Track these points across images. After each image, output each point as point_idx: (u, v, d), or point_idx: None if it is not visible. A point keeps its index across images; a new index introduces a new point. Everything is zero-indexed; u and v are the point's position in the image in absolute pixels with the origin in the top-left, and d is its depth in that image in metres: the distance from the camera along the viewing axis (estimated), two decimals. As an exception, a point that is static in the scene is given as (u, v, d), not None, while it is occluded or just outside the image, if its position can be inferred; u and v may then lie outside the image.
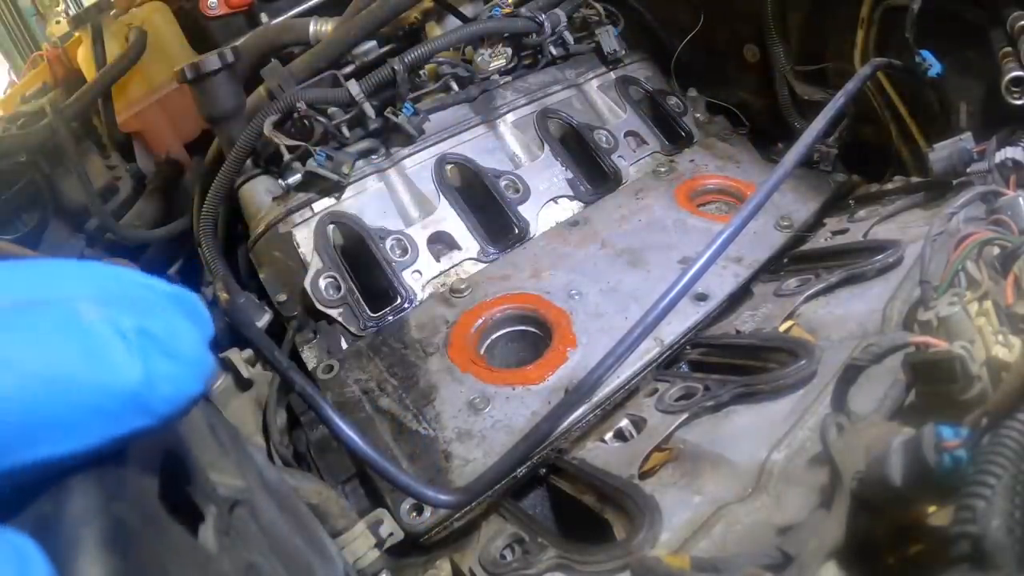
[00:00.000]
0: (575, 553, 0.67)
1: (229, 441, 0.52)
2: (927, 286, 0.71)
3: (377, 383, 0.96)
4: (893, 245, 0.93)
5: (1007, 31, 0.97)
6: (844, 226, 1.12)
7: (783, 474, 0.66)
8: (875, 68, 1.10)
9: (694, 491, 0.71)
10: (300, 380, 0.79)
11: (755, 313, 0.97)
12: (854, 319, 0.86)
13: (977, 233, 0.72)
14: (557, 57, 1.40)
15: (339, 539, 0.75)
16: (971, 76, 1.07)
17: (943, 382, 0.59)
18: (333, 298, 1.06)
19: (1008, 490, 0.41)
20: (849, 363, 0.64)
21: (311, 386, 0.79)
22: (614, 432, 0.85)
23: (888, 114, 1.24)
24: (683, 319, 0.95)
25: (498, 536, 0.75)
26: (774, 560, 0.54)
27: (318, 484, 0.79)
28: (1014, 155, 0.92)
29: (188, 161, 1.61)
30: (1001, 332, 0.63)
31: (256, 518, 0.46)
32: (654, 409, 0.84)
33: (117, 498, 0.32)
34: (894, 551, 0.52)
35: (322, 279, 1.06)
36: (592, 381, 0.80)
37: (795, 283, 0.98)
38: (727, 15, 1.43)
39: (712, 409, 0.80)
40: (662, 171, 1.30)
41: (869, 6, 1.17)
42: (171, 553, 0.34)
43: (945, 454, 0.46)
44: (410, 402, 0.93)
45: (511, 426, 0.87)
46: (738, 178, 1.28)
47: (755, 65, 1.43)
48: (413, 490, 0.74)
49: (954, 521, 0.41)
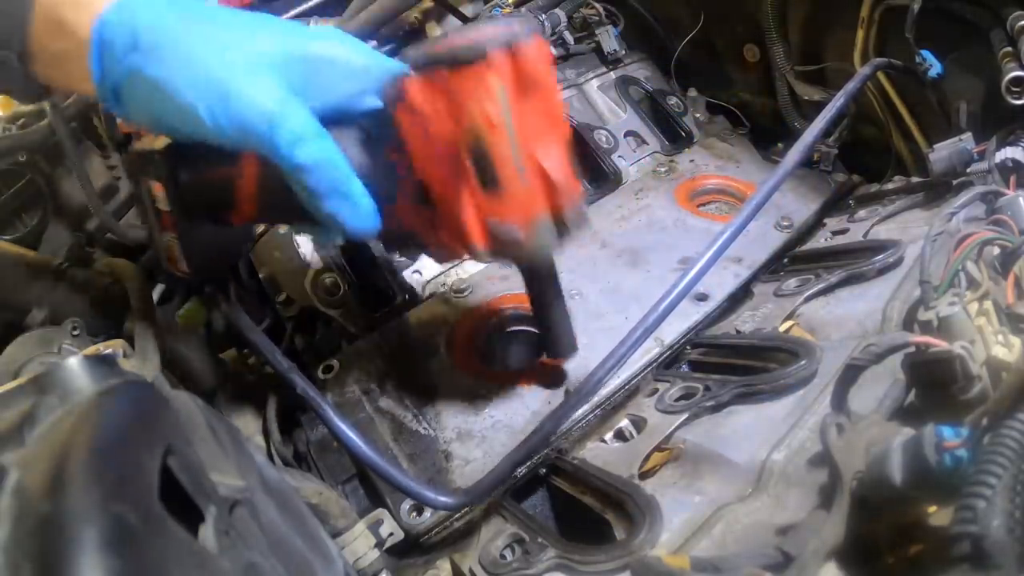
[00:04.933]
0: (575, 553, 0.67)
1: (229, 441, 0.52)
2: (927, 286, 0.71)
3: (377, 383, 0.96)
4: (893, 245, 0.93)
5: (1007, 31, 0.97)
6: (844, 226, 1.12)
7: (783, 474, 0.66)
8: (875, 68, 1.10)
9: (694, 491, 0.71)
10: (301, 382, 0.79)
11: (755, 313, 0.97)
12: (854, 319, 0.86)
13: (977, 233, 0.72)
14: (557, 57, 1.40)
15: (339, 539, 0.75)
16: (971, 76, 1.07)
17: (943, 382, 0.59)
18: (333, 298, 1.06)
19: (1009, 490, 0.41)
20: (849, 363, 0.64)
21: (312, 388, 0.79)
22: (614, 432, 0.85)
23: (888, 114, 1.24)
24: (683, 319, 0.95)
25: (498, 536, 0.75)
26: (774, 560, 0.54)
27: (318, 484, 0.79)
28: (1014, 155, 0.92)
29: (188, 161, 1.61)
30: (1001, 332, 0.63)
31: (256, 518, 0.46)
32: (654, 409, 0.84)
33: (117, 498, 0.32)
34: (894, 551, 0.52)
35: (322, 279, 1.06)
36: (593, 381, 0.80)
37: (795, 283, 0.98)
38: (727, 15, 1.43)
39: (712, 409, 0.80)
40: (662, 171, 1.30)
41: (869, 6, 1.16)
42: (171, 553, 0.34)
43: (945, 454, 0.46)
44: (410, 402, 0.93)
45: (511, 426, 0.87)
46: (738, 178, 1.28)
47: (755, 65, 1.43)
48: (415, 492, 0.74)
49: (954, 521, 0.41)
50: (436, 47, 0.64)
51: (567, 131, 0.69)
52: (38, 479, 0.33)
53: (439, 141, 0.66)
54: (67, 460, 0.33)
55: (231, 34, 0.65)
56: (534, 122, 0.65)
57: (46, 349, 0.82)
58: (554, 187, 0.66)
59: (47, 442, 0.36)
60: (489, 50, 0.61)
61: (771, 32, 1.34)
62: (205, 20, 0.65)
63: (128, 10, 0.64)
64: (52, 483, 0.32)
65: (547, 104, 0.66)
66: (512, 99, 0.62)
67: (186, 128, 0.65)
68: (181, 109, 0.63)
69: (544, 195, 0.67)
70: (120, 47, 0.63)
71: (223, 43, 0.63)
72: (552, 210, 0.68)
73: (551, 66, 0.67)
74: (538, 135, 0.65)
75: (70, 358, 0.43)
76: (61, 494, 0.31)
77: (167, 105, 0.63)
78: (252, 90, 0.62)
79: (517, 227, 0.67)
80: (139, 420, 0.39)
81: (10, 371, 0.79)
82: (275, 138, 0.63)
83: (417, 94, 0.65)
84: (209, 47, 0.63)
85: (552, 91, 0.66)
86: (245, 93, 0.62)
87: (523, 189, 0.65)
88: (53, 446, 0.35)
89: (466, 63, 0.61)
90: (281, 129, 0.62)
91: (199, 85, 0.62)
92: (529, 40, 0.63)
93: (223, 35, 0.64)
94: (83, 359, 0.43)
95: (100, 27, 0.63)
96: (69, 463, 0.33)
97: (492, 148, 0.63)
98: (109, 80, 0.65)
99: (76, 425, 0.36)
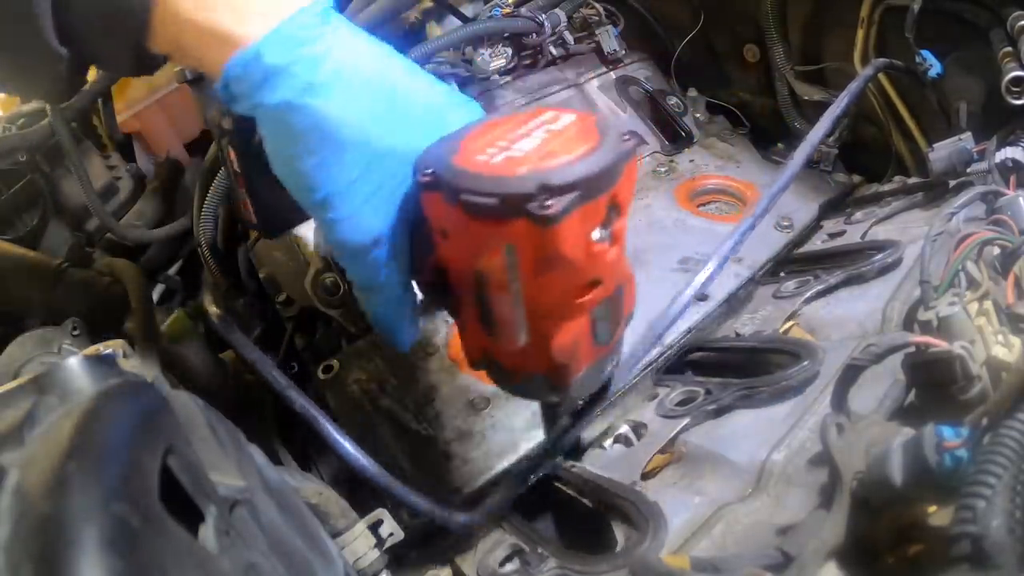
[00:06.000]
0: (576, 563, 0.67)
1: (229, 441, 0.52)
2: (927, 286, 0.71)
3: (377, 383, 0.96)
4: (892, 245, 0.93)
5: (1007, 31, 0.97)
6: (842, 227, 1.12)
7: (783, 474, 0.66)
8: (878, 68, 1.10)
9: (694, 491, 0.71)
10: (301, 400, 0.78)
11: (754, 316, 0.97)
12: (854, 319, 0.86)
13: (977, 233, 0.72)
14: (557, 57, 1.40)
15: (339, 539, 0.75)
16: (971, 76, 1.07)
17: (943, 382, 0.59)
18: (333, 298, 1.06)
19: (1009, 490, 0.41)
20: (849, 363, 0.64)
21: (312, 405, 0.78)
22: (614, 438, 0.85)
23: (888, 114, 1.24)
24: (683, 319, 0.95)
25: (497, 547, 0.74)
26: (774, 560, 0.54)
27: (318, 484, 0.79)
28: (1014, 155, 0.92)
29: (188, 161, 1.61)
30: (1001, 332, 0.63)
31: (256, 518, 0.46)
32: (654, 414, 0.83)
33: (117, 498, 0.32)
34: (894, 551, 0.52)
35: (322, 279, 1.06)
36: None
37: (794, 285, 0.98)
38: (727, 15, 1.43)
39: (714, 413, 0.80)
40: (662, 171, 1.30)
41: (869, 6, 1.17)
42: (171, 553, 0.34)
43: (945, 454, 0.47)
44: (410, 402, 0.93)
45: (511, 426, 0.87)
46: (738, 178, 1.28)
47: (755, 65, 1.43)
48: (426, 511, 0.73)
49: (954, 521, 0.41)
50: (468, 164, 0.52)
51: (599, 300, 0.56)
52: (38, 479, 0.33)
53: (452, 254, 0.57)
54: (67, 460, 0.33)
55: (400, 117, 0.58)
56: (552, 296, 0.53)
57: (46, 349, 0.82)
58: (554, 363, 0.56)
59: (47, 442, 0.36)
60: (506, 217, 0.49)
61: (771, 32, 1.34)
62: (392, 82, 0.59)
63: (322, 27, 0.56)
64: (52, 483, 0.32)
65: (575, 279, 0.53)
66: (525, 268, 0.51)
67: (288, 179, 0.60)
68: (307, 163, 0.57)
69: (543, 362, 0.57)
70: (299, 64, 0.55)
71: (389, 126, 0.57)
72: (548, 375, 0.58)
73: (614, 216, 0.52)
74: (554, 309, 0.54)
75: (70, 358, 0.42)
76: (61, 494, 0.31)
77: (297, 147, 0.57)
78: (369, 215, 0.58)
79: (509, 371, 0.61)
80: (139, 420, 0.39)
81: (10, 371, 0.79)
82: (361, 269, 0.61)
83: (432, 209, 0.55)
84: (376, 125, 0.57)
85: (586, 266, 0.52)
86: (364, 215, 0.58)
87: (518, 349, 0.56)
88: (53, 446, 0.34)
89: (484, 217, 0.50)
90: (373, 271, 0.61)
91: (345, 165, 0.57)
92: (576, 203, 0.48)
93: (394, 115, 0.58)
94: (83, 359, 0.43)
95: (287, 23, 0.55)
96: (69, 463, 0.33)
97: (493, 303, 0.55)
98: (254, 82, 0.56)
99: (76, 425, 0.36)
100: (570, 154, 0.50)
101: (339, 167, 0.57)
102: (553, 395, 0.62)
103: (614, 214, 0.52)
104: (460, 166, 0.51)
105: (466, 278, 0.56)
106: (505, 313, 0.55)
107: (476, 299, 0.56)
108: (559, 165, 0.49)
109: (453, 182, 0.51)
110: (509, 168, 0.50)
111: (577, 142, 0.51)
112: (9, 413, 0.39)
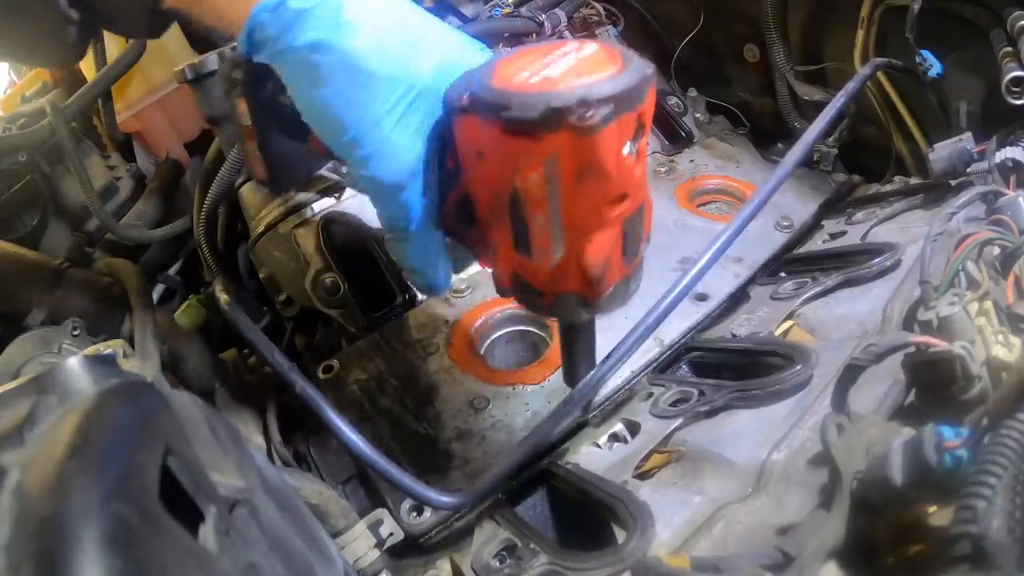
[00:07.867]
0: (567, 559, 0.67)
1: (229, 441, 0.52)
2: (927, 286, 0.71)
3: (377, 383, 0.96)
4: (891, 248, 0.93)
5: (1007, 31, 0.97)
6: (842, 228, 1.12)
7: (783, 474, 0.66)
8: (876, 68, 1.10)
9: (694, 491, 0.71)
10: (301, 382, 0.79)
11: (751, 317, 0.97)
12: (854, 319, 0.86)
13: (977, 233, 0.72)
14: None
15: (339, 539, 0.75)
16: (971, 76, 1.07)
17: (943, 382, 0.59)
18: (333, 298, 1.06)
19: (1009, 490, 0.41)
20: (849, 363, 0.64)
21: (311, 387, 0.79)
22: (608, 436, 0.84)
23: (888, 114, 1.24)
24: (683, 319, 0.95)
25: (490, 541, 0.74)
26: (774, 560, 0.54)
27: (318, 484, 0.79)
28: (1014, 155, 0.92)
29: (188, 161, 1.61)
30: (1001, 332, 0.63)
31: (256, 518, 0.46)
32: (649, 414, 0.83)
33: (117, 498, 0.32)
34: (894, 551, 0.52)
35: (322, 279, 1.06)
36: (594, 380, 0.80)
37: (792, 286, 0.98)
38: (727, 15, 1.43)
39: (707, 414, 0.80)
40: (662, 171, 1.30)
41: (869, 6, 1.16)
42: (171, 553, 0.34)
43: (945, 454, 0.46)
44: (410, 402, 0.93)
45: (511, 426, 0.87)
46: (738, 178, 1.28)
47: (755, 65, 1.43)
48: (415, 492, 0.74)
49: (954, 521, 0.41)
50: (506, 85, 0.54)
51: (628, 214, 0.58)
52: (38, 479, 0.33)
53: (486, 176, 0.59)
54: (67, 460, 0.33)
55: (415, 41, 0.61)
56: (588, 207, 0.56)
57: (46, 349, 0.82)
58: (588, 276, 0.59)
59: (47, 442, 0.36)
60: (548, 129, 0.51)
61: (771, 32, 1.34)
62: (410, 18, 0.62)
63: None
64: (52, 483, 0.32)
65: (609, 190, 0.55)
66: (566, 180, 0.53)
67: (316, 122, 0.62)
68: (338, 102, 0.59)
69: (576, 277, 0.60)
70: (324, 6, 0.58)
71: (403, 54, 0.60)
72: (581, 291, 0.61)
73: (640, 134, 0.55)
74: (589, 220, 0.56)
75: (70, 358, 0.42)
76: (61, 494, 0.31)
77: (326, 87, 0.58)
78: (400, 150, 0.60)
79: (540, 291, 0.62)
80: (139, 420, 0.39)
81: (10, 371, 0.79)
82: (395, 208, 0.63)
83: (468, 132, 0.57)
84: (399, 53, 0.59)
85: (619, 178, 0.54)
86: (394, 150, 0.60)
87: (553, 267, 0.59)
88: (53, 446, 0.34)
89: (526, 132, 0.52)
90: (405, 209, 0.62)
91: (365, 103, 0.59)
92: (611, 115, 0.51)
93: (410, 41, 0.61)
94: (83, 359, 0.43)
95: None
96: (69, 463, 0.33)
97: (529, 220, 0.56)
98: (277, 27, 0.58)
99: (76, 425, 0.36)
100: (601, 74, 0.52)
101: (368, 103, 0.59)
102: (584, 313, 0.64)
103: (640, 132, 0.55)
104: (499, 87, 0.54)
105: (500, 200, 0.58)
106: (542, 229, 0.57)
107: (510, 219, 0.58)
108: (594, 82, 0.51)
109: (494, 100, 0.53)
110: (547, 85, 0.52)
111: (604, 65, 0.54)
112: (9, 413, 0.39)
